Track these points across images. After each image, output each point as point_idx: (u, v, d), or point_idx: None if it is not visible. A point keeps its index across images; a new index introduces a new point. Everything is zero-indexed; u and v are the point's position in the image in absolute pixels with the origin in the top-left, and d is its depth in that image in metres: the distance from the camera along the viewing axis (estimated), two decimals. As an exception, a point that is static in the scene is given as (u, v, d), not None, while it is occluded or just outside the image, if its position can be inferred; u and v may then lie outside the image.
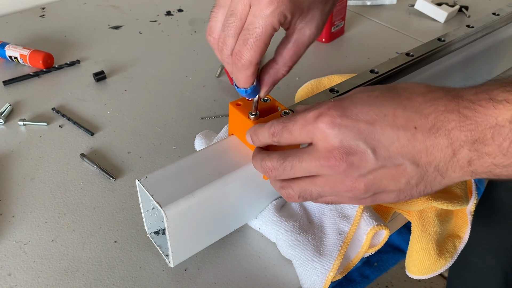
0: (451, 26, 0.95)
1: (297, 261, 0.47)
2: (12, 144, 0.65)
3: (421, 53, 0.64)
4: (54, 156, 0.63)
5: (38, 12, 1.01)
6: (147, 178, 0.44)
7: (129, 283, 0.47)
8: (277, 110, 0.49)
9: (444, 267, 0.55)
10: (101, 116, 0.71)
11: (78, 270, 0.49)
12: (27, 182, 0.59)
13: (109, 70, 0.81)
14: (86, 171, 0.61)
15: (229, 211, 0.48)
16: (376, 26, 0.96)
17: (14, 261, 0.50)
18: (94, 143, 0.65)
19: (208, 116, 0.70)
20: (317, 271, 0.46)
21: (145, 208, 0.48)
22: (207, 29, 0.43)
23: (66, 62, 0.82)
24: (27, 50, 0.81)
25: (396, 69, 0.61)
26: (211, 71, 0.81)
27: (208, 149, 0.49)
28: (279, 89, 0.76)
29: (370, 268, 0.55)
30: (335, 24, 0.88)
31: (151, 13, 1.00)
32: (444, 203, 0.52)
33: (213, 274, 0.48)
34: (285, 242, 0.48)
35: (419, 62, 0.63)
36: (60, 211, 0.55)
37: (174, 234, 0.44)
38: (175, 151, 0.64)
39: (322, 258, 0.46)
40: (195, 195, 0.43)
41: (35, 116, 0.70)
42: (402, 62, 0.62)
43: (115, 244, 0.51)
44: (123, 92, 0.76)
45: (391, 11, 1.01)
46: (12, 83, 0.78)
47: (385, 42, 0.90)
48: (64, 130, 0.68)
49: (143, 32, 0.94)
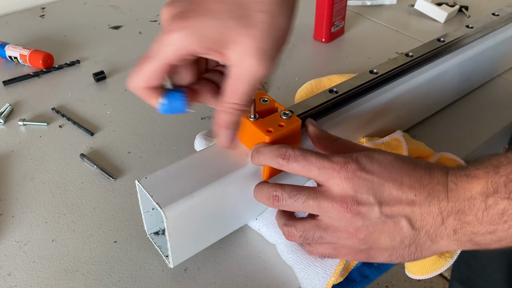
0: (451, 26, 0.95)
1: (298, 265, 0.47)
2: (12, 144, 0.65)
3: (420, 53, 0.64)
4: (54, 156, 0.63)
5: (38, 12, 1.01)
6: (146, 179, 0.44)
7: (129, 283, 0.47)
8: (276, 110, 0.48)
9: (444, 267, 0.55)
10: (101, 116, 0.71)
11: (78, 270, 0.49)
12: (27, 182, 0.59)
13: (109, 70, 0.81)
14: (86, 171, 0.61)
15: (228, 212, 0.48)
16: (376, 26, 0.96)
17: (14, 261, 0.50)
18: (94, 143, 0.65)
19: (208, 116, 0.70)
20: (319, 276, 0.46)
21: (145, 208, 0.48)
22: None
23: (66, 62, 0.82)
24: (27, 50, 0.81)
25: (395, 69, 0.61)
26: (211, 71, 0.81)
27: (208, 150, 0.48)
28: (279, 89, 0.76)
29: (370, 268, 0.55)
30: (335, 24, 0.88)
31: (151, 13, 1.00)
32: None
33: (213, 274, 0.48)
34: (286, 246, 0.48)
35: (418, 63, 0.63)
36: (60, 211, 0.55)
37: (173, 234, 0.44)
38: (175, 151, 0.64)
39: (324, 263, 0.46)
40: (195, 196, 0.43)
41: (35, 116, 0.70)
42: (402, 63, 0.62)
43: (115, 244, 0.51)
44: (123, 92, 0.76)
45: (391, 11, 1.01)
46: (12, 83, 0.78)
47: (385, 42, 0.90)
48: (64, 130, 0.68)
49: (143, 32, 0.94)
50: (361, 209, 0.39)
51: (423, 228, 0.40)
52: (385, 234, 0.40)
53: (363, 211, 0.39)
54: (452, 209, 0.39)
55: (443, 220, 0.39)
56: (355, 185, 0.39)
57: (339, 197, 0.40)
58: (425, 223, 0.39)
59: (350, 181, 0.40)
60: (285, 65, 0.82)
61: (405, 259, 0.42)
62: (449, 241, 0.40)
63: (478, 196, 0.38)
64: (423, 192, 0.39)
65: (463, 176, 0.39)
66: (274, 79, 0.78)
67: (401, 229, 0.40)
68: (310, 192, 0.41)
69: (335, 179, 0.40)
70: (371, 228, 0.40)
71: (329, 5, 0.84)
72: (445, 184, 0.39)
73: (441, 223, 0.39)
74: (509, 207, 0.37)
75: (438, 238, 0.40)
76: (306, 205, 0.41)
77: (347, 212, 0.39)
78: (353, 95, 0.57)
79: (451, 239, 0.39)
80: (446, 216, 0.39)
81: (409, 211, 0.39)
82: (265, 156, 0.43)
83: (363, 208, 0.39)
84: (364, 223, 0.40)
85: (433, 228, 0.39)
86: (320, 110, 0.54)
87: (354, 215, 0.39)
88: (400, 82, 0.60)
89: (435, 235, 0.40)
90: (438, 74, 0.63)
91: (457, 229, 0.39)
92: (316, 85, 0.69)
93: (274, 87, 0.77)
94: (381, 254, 0.42)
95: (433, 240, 0.40)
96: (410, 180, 0.40)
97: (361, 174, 0.40)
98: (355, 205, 0.39)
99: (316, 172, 0.41)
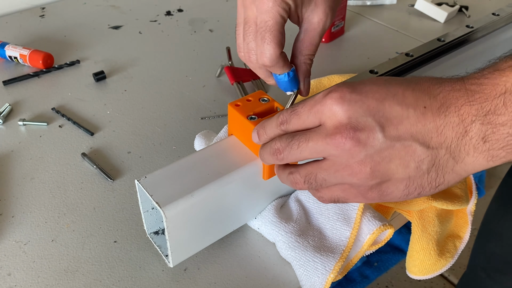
0: (451, 26, 0.95)
1: (297, 262, 0.47)
2: (12, 144, 0.65)
3: (420, 53, 0.64)
4: (54, 156, 0.63)
5: (38, 12, 1.01)
6: (146, 178, 0.44)
7: (129, 283, 0.47)
8: (276, 110, 0.48)
9: (445, 267, 0.55)
10: (101, 116, 0.71)
11: (78, 270, 0.49)
12: (27, 182, 0.59)
13: (109, 70, 0.81)
14: (86, 171, 0.61)
15: (228, 212, 0.48)
16: (376, 26, 0.96)
17: (14, 261, 0.50)
18: (93, 143, 0.65)
19: (208, 116, 0.70)
20: (318, 272, 0.46)
21: (144, 208, 0.48)
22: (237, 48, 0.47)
23: (66, 62, 0.82)
24: (27, 50, 0.81)
25: (396, 69, 0.61)
26: (211, 71, 0.81)
27: (207, 149, 0.48)
28: (279, 88, 0.76)
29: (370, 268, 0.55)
30: (335, 24, 0.88)
31: (151, 13, 1.00)
32: (444, 203, 0.52)
33: (213, 274, 0.48)
34: (285, 243, 0.48)
35: (419, 63, 0.63)
36: (60, 211, 0.55)
37: (173, 234, 0.44)
38: (175, 151, 0.64)
39: (324, 259, 0.46)
40: (195, 196, 0.43)
41: (35, 116, 0.70)
42: (402, 62, 0.62)
43: (115, 244, 0.51)
44: (123, 92, 0.76)
45: (391, 11, 1.01)
46: (12, 83, 0.78)
47: (385, 42, 0.90)
48: (64, 130, 0.68)
49: (143, 32, 0.94)
50: (360, 135, 0.34)
51: (441, 145, 0.33)
52: (396, 162, 0.34)
53: (362, 138, 0.34)
54: (478, 112, 0.32)
55: (467, 130, 0.33)
56: (347, 110, 0.34)
57: (332, 129, 0.35)
58: (444, 138, 0.33)
59: (340, 107, 0.34)
60: (285, 65, 0.82)
61: (425, 190, 0.36)
62: (477, 154, 0.33)
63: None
64: (434, 102, 0.33)
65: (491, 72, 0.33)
66: (274, 79, 0.78)
67: (414, 152, 0.34)
68: (302, 135, 0.37)
69: (324, 112, 0.35)
70: (376, 157, 0.34)
71: (329, 5, 0.84)
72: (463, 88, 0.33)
73: (464, 134, 0.33)
74: None
75: (463, 154, 0.33)
76: (303, 150, 0.37)
77: (344, 143, 0.34)
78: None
79: (479, 151, 0.33)
80: (469, 123, 0.32)
81: (421, 128, 0.33)
82: (270, 126, 0.41)
83: (362, 134, 0.34)
84: (368, 153, 0.34)
85: (455, 142, 0.33)
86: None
87: (354, 145, 0.34)
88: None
89: (459, 150, 0.33)
90: (438, 74, 0.63)
91: (487, 135, 0.32)
92: (316, 85, 0.69)
93: (274, 87, 0.76)
94: (395, 187, 0.36)
95: (457, 158, 0.34)
96: (414, 92, 0.34)
97: (351, 96, 0.35)
98: (351, 132, 0.34)
99: (310, 119, 0.37)
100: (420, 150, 0.34)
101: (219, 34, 0.92)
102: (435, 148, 0.34)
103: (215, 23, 0.97)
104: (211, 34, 0.92)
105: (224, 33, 0.92)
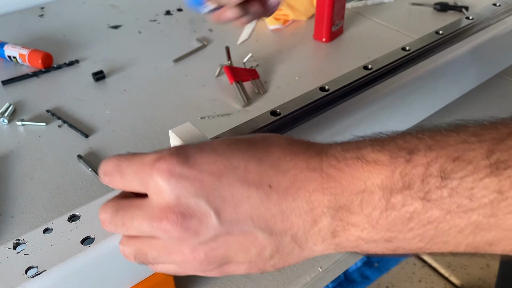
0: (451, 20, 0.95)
1: None
2: (11, 144, 0.65)
3: (417, 47, 0.61)
4: (53, 156, 0.63)
5: (37, 11, 1.01)
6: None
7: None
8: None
9: None
10: (100, 116, 0.70)
11: (77, 271, 0.48)
12: (26, 182, 0.59)
13: (108, 69, 0.81)
14: (85, 171, 0.60)
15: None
16: (375, 25, 0.96)
17: (13, 261, 0.49)
18: (93, 143, 0.65)
19: (208, 116, 0.70)
20: None
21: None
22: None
23: (65, 62, 0.82)
24: (26, 49, 0.80)
25: (391, 64, 0.58)
26: (210, 70, 0.80)
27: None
28: (279, 88, 0.76)
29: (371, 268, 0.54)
30: (335, 23, 0.88)
31: (151, 13, 1.00)
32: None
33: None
34: None
35: (416, 57, 0.61)
36: (59, 211, 0.55)
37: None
38: (174, 151, 0.64)
39: None
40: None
41: (34, 116, 0.70)
42: (398, 57, 0.59)
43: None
44: (122, 91, 0.76)
45: (391, 11, 1.01)
46: (11, 83, 0.77)
47: (385, 41, 0.90)
48: (63, 130, 0.67)
49: (142, 32, 0.93)
50: (189, 223, 0.28)
51: (286, 232, 0.29)
52: (234, 248, 0.30)
53: (193, 225, 0.28)
54: (330, 204, 0.28)
55: (316, 221, 0.29)
56: (175, 188, 0.28)
57: (157, 210, 0.29)
58: (289, 225, 0.29)
59: (167, 183, 0.28)
60: (285, 65, 0.82)
61: (269, 271, 0.32)
62: (325, 245, 0.29)
63: (376, 190, 0.27)
64: (281, 181, 0.29)
65: (354, 159, 0.28)
66: (274, 78, 0.78)
67: (255, 239, 0.29)
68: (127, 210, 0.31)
69: (150, 185, 0.29)
70: (212, 244, 0.29)
71: (329, 4, 0.84)
72: (319, 168, 0.29)
73: (313, 224, 0.29)
74: (422, 211, 0.26)
75: (310, 243, 0.30)
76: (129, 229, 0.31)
77: (171, 231, 0.29)
78: (344, 93, 0.55)
79: (328, 243, 0.29)
80: (319, 215, 0.28)
81: (263, 211, 0.29)
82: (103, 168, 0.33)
83: (193, 222, 0.28)
84: (201, 240, 0.29)
85: (302, 231, 0.29)
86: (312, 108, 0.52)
87: (183, 232, 0.29)
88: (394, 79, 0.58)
89: (305, 240, 0.29)
90: (436, 69, 0.60)
91: (337, 231, 0.29)
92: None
93: (274, 87, 0.76)
94: (237, 267, 0.32)
95: (303, 246, 0.30)
96: (259, 166, 0.29)
97: (182, 170, 0.28)
98: (179, 218, 0.28)
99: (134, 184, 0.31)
100: (261, 237, 0.29)
101: (219, 34, 0.92)
102: (279, 235, 0.29)
103: (215, 22, 0.96)
104: (211, 34, 0.92)
105: (223, 33, 0.92)
